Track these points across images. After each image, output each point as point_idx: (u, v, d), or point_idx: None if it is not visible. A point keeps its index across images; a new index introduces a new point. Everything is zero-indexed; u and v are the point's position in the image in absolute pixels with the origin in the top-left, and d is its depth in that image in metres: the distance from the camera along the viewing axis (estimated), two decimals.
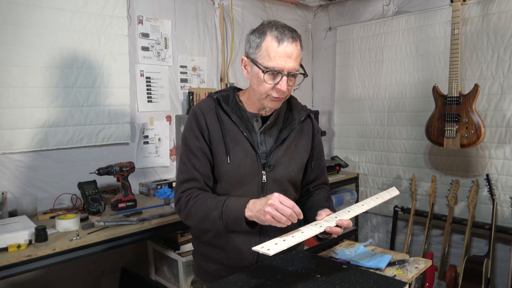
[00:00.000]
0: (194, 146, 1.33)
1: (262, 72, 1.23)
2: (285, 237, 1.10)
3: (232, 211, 1.20)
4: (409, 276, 1.25)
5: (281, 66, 1.22)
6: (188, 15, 2.80)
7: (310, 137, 1.45)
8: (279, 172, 1.35)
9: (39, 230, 1.64)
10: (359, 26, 3.35)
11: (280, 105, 1.33)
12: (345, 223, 1.19)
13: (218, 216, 1.22)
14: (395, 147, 3.18)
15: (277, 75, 1.23)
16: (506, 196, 2.62)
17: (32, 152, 2.14)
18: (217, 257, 1.37)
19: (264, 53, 1.23)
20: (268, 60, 1.22)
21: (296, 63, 1.24)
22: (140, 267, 2.55)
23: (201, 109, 1.36)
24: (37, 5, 2.10)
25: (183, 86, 2.81)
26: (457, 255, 2.85)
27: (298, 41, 1.25)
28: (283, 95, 1.27)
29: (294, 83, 1.29)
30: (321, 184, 1.54)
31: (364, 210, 1.27)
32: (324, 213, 1.26)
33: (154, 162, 2.68)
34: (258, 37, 1.25)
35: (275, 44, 1.22)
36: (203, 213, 1.26)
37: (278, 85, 1.23)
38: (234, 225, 1.20)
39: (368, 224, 3.47)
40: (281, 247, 1.04)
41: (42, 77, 2.14)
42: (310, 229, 1.16)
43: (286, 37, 1.22)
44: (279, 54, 1.22)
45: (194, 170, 1.33)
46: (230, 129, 1.33)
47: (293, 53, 1.23)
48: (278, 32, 1.22)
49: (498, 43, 2.59)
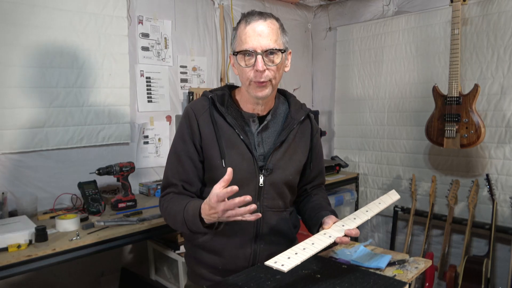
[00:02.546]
0: (180, 150, 1.32)
1: (234, 55, 1.23)
2: (297, 250, 1.08)
3: (191, 215, 1.19)
4: (409, 276, 1.24)
5: (253, 46, 1.19)
6: (188, 15, 2.80)
7: (309, 138, 1.42)
8: (277, 175, 1.33)
9: (39, 230, 1.64)
10: (359, 26, 3.35)
11: (267, 92, 1.25)
12: (353, 233, 1.18)
13: (182, 221, 1.21)
14: (395, 147, 3.18)
15: (252, 56, 1.21)
16: (506, 196, 2.62)
17: (32, 152, 2.14)
18: (211, 261, 1.34)
19: (238, 39, 1.24)
20: (241, 43, 1.22)
21: (269, 41, 1.20)
22: (140, 267, 2.55)
23: (194, 110, 1.32)
24: (37, 5, 2.10)
25: (183, 86, 2.81)
26: (457, 255, 2.85)
27: (270, 20, 1.23)
28: (264, 78, 1.21)
29: (276, 63, 1.22)
30: (319, 185, 1.53)
31: (369, 217, 1.27)
32: (330, 221, 1.25)
33: (154, 162, 2.68)
34: (235, 29, 1.27)
35: (243, 26, 1.22)
36: (173, 218, 1.26)
37: (255, 66, 1.20)
38: (197, 229, 1.19)
39: (368, 224, 3.47)
40: (295, 262, 1.01)
41: (42, 77, 2.14)
42: (320, 240, 1.14)
43: (254, 18, 1.21)
44: (248, 34, 1.20)
45: (173, 176, 1.32)
46: (225, 131, 1.29)
47: (263, 30, 1.20)
48: (247, 17, 1.23)
49: (498, 43, 2.59)
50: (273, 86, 1.27)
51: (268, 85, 1.24)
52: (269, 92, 1.26)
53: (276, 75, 1.25)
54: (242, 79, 1.27)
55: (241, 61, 1.22)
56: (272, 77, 1.24)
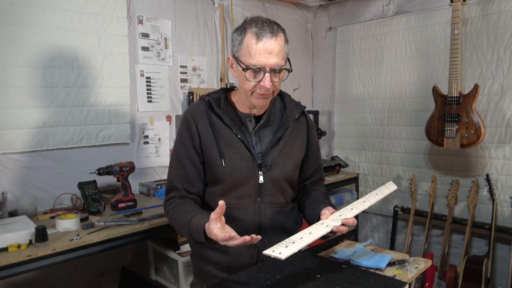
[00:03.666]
0: (180, 153, 1.34)
1: (243, 70, 1.22)
2: (294, 239, 1.08)
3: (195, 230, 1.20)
4: (409, 276, 1.25)
5: (262, 63, 1.20)
6: (188, 15, 2.80)
7: (305, 134, 1.45)
8: (276, 172, 1.35)
9: (39, 230, 1.64)
10: (359, 26, 3.35)
11: (267, 102, 1.31)
12: (350, 222, 1.19)
13: (188, 234, 1.24)
14: (395, 147, 3.18)
15: (260, 72, 1.22)
16: (506, 196, 2.62)
17: (32, 152, 2.14)
18: (216, 258, 1.37)
19: (245, 51, 1.22)
20: (249, 57, 1.21)
21: (278, 59, 1.21)
22: (140, 267, 2.55)
23: (192, 114, 1.35)
24: (37, 5, 2.10)
25: (183, 86, 2.81)
26: (457, 255, 2.85)
27: (279, 35, 1.22)
28: (268, 92, 1.25)
29: (281, 79, 1.26)
30: (318, 180, 1.54)
31: (366, 207, 1.28)
32: (328, 211, 1.26)
33: (154, 162, 2.68)
34: (239, 34, 1.25)
35: (254, 41, 1.20)
36: (179, 228, 1.30)
37: (261, 83, 1.22)
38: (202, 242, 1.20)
39: (368, 224, 3.47)
40: (292, 250, 1.02)
41: (42, 77, 2.14)
42: (317, 229, 1.15)
43: (265, 33, 1.20)
44: (259, 51, 1.19)
45: (174, 179, 1.35)
46: (223, 132, 1.32)
47: (273, 48, 1.20)
48: (257, 28, 1.20)
49: (498, 43, 2.59)
50: (274, 95, 1.32)
51: (270, 96, 1.30)
52: (269, 101, 1.33)
53: (278, 87, 1.30)
54: (243, 87, 1.27)
55: (248, 75, 1.23)
56: (275, 90, 1.28)
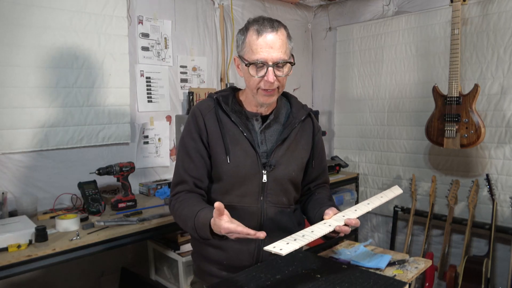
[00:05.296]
0: (190, 147, 1.35)
1: (246, 65, 1.25)
2: (296, 237, 1.09)
3: (201, 223, 1.20)
4: (409, 276, 1.25)
5: (264, 57, 1.23)
6: (188, 15, 2.80)
7: (311, 136, 1.46)
8: (279, 171, 1.36)
9: (39, 230, 1.64)
10: (359, 26, 3.35)
11: (273, 99, 1.32)
12: (353, 222, 1.19)
13: (192, 227, 1.23)
14: (395, 147, 3.18)
15: (263, 67, 1.24)
16: (506, 196, 2.62)
17: (32, 152, 2.14)
18: (216, 257, 1.37)
19: (247, 48, 1.26)
20: (252, 53, 1.24)
21: (280, 52, 1.24)
22: (140, 267, 2.55)
23: (200, 109, 1.37)
24: (37, 5, 2.10)
25: (183, 86, 2.81)
26: (457, 255, 2.85)
27: (280, 30, 1.25)
28: (273, 87, 1.26)
29: (285, 73, 1.28)
30: (322, 183, 1.54)
31: (370, 209, 1.27)
32: (331, 212, 1.26)
33: (154, 162, 2.68)
34: (242, 34, 1.29)
35: (255, 36, 1.24)
36: (183, 222, 1.30)
37: (265, 77, 1.24)
38: (206, 237, 1.20)
39: (368, 224, 3.47)
40: (293, 247, 1.02)
41: (42, 77, 2.14)
42: (320, 228, 1.15)
43: (265, 28, 1.23)
44: (260, 46, 1.23)
45: (185, 172, 1.35)
46: (229, 129, 1.34)
47: (275, 42, 1.23)
48: (258, 25, 1.24)
49: (498, 43, 2.59)
50: (279, 92, 1.33)
51: (275, 93, 1.30)
52: (275, 98, 1.33)
53: (283, 83, 1.31)
54: (249, 85, 1.30)
55: (251, 70, 1.26)
56: (280, 85, 1.30)
